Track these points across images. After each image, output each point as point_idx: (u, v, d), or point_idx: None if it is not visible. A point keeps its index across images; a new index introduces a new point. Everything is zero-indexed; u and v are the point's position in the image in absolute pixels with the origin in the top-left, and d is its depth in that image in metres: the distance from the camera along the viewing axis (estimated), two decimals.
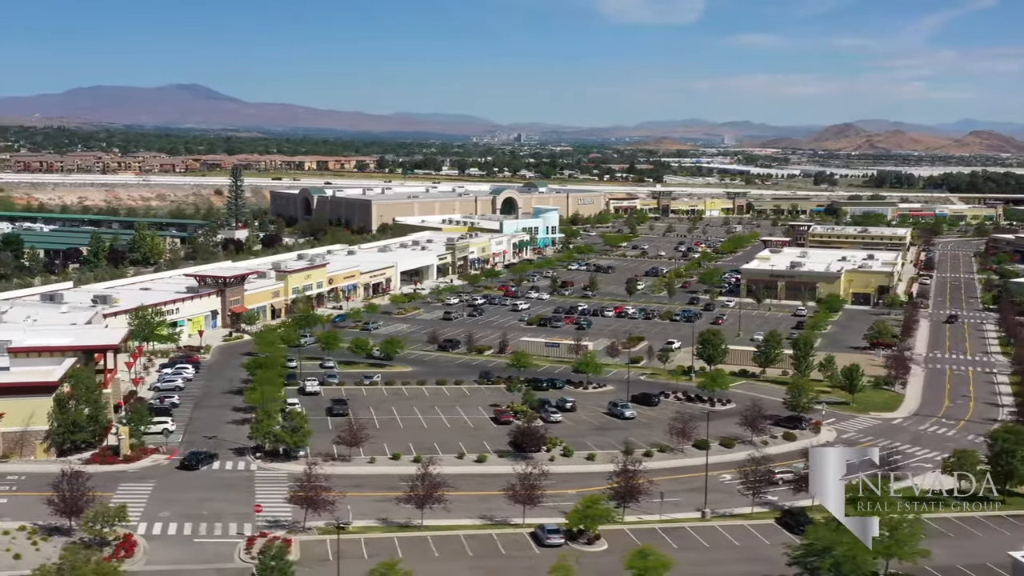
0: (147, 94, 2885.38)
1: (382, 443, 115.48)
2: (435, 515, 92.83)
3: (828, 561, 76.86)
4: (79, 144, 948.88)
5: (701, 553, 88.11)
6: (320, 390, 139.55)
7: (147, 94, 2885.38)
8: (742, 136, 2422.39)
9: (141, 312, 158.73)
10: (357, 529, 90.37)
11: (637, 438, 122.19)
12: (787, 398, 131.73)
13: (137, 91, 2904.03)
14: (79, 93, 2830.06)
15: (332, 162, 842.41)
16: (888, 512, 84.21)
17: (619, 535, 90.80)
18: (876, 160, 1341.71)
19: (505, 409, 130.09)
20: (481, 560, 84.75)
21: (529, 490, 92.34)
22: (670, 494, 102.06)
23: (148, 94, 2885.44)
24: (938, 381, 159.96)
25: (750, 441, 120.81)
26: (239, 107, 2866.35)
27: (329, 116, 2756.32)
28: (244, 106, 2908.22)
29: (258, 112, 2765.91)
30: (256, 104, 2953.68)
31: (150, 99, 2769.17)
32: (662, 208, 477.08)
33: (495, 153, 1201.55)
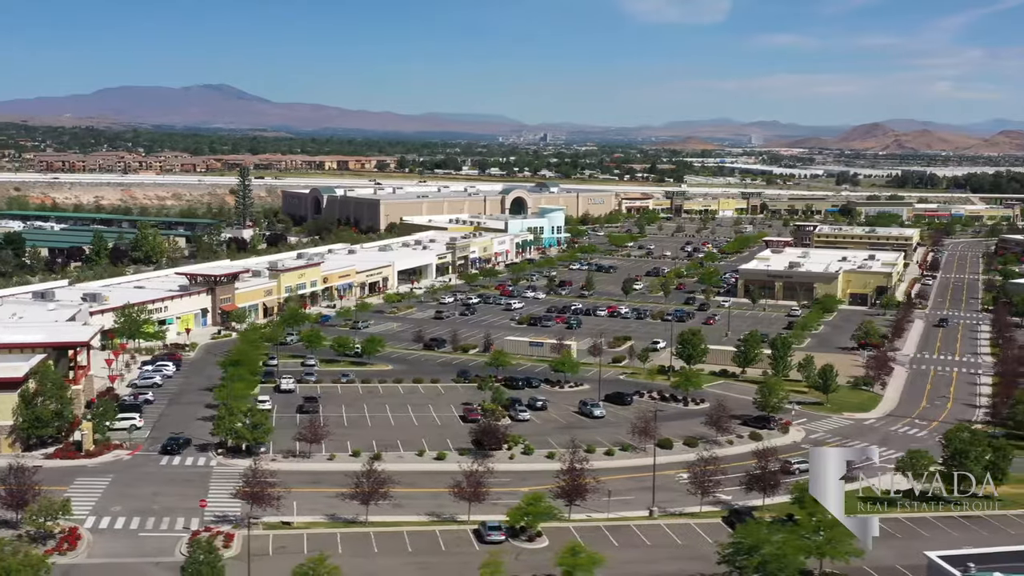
0: (176, 94, 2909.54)
1: (346, 440, 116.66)
2: (383, 511, 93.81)
3: (755, 560, 77.19)
4: (105, 144, 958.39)
5: (642, 551, 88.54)
6: (295, 388, 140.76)
7: (176, 94, 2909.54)
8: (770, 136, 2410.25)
9: (127, 310, 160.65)
10: (303, 524, 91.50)
11: (603, 437, 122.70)
12: (757, 398, 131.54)
13: (166, 91, 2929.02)
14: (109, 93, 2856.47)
15: (352, 162, 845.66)
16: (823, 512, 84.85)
17: (563, 532, 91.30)
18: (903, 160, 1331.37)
19: (474, 407, 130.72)
20: (419, 556, 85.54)
21: (475, 487, 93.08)
22: (626, 492, 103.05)
23: (177, 94, 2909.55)
24: (920, 382, 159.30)
25: (715, 441, 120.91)
26: (268, 107, 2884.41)
27: (358, 116, 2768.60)
28: (273, 106, 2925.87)
29: (287, 112, 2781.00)
30: (285, 104, 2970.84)
31: (179, 99, 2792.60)
32: (675, 208, 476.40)
33: (518, 153, 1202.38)
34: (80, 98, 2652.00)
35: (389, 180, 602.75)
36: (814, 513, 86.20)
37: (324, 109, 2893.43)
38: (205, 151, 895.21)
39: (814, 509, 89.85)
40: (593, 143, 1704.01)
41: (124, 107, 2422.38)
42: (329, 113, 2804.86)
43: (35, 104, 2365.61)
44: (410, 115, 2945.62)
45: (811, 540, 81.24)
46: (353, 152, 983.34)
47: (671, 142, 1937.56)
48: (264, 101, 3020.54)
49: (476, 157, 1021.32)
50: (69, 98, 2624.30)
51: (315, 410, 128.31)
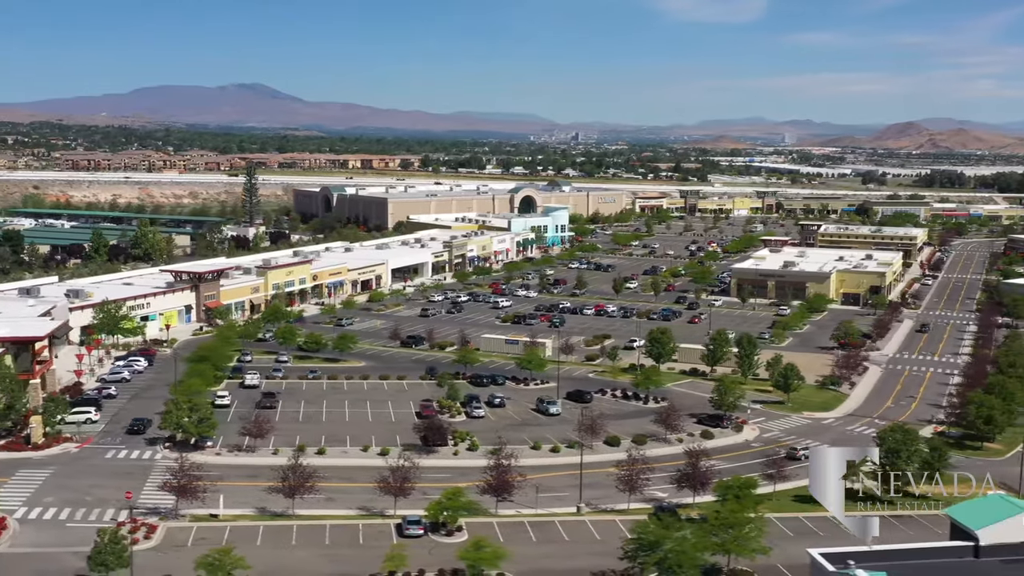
0: (211, 94, 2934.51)
1: (296, 435, 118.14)
2: (314, 505, 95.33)
3: (655, 556, 77.83)
4: (135, 143, 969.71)
5: (558, 546, 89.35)
6: (260, 383, 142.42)
7: (211, 94, 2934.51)
8: (803, 135, 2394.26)
9: (105, 306, 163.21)
10: (229, 517, 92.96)
11: (554, 434, 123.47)
12: (713, 396, 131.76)
13: (201, 91, 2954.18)
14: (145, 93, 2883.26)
15: (376, 161, 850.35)
16: (734, 511, 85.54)
17: (485, 527, 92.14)
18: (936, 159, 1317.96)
19: (431, 404, 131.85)
20: (335, 549, 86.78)
21: (400, 482, 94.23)
22: (563, 489, 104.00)
23: (212, 94, 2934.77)
24: (891, 382, 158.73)
25: (664, 439, 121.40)
26: (300, 106, 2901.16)
27: (389, 115, 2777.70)
28: (306, 105, 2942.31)
29: (319, 111, 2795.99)
30: (317, 103, 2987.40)
31: (214, 99, 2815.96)
32: (689, 207, 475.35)
33: (546, 152, 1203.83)
34: (116, 97, 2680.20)
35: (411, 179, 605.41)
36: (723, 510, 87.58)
37: (355, 108, 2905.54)
38: (233, 150, 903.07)
39: (736, 506, 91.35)
40: (624, 142, 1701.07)
41: (159, 106, 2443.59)
42: (360, 112, 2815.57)
43: (72, 103, 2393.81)
44: (441, 114, 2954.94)
45: (718, 537, 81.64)
46: (381, 151, 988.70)
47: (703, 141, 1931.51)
48: (297, 100, 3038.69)
49: (503, 156, 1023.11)
50: (105, 97, 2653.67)
51: (273, 406, 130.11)
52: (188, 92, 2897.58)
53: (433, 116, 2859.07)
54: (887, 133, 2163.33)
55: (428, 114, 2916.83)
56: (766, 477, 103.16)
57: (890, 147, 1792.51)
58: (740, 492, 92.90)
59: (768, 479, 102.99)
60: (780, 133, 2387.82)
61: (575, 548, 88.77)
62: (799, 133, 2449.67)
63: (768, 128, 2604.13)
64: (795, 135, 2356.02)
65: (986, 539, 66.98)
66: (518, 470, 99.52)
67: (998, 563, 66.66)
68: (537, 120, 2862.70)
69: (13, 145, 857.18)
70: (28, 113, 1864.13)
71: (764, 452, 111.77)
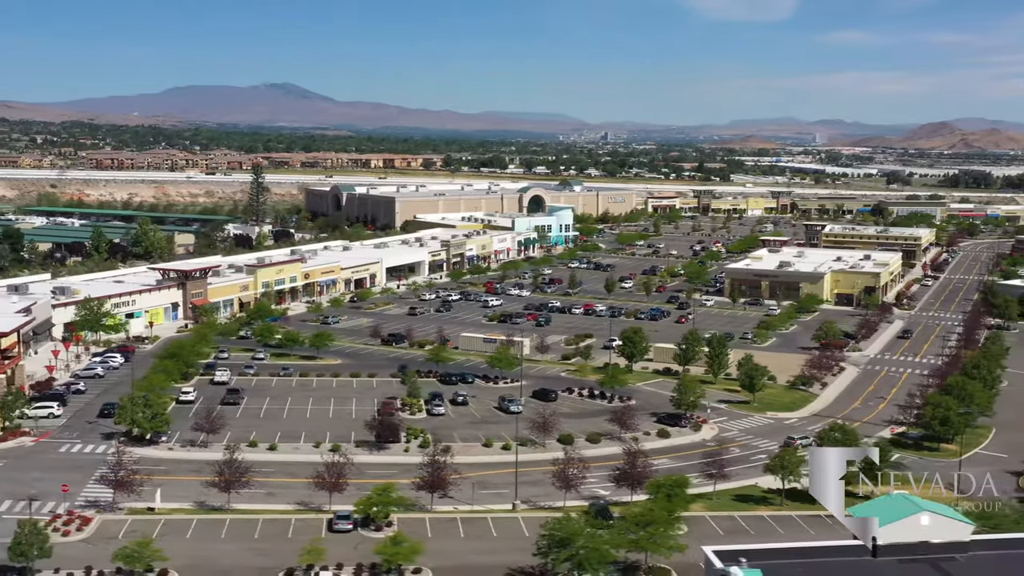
0: (241, 93, 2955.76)
1: (252, 431, 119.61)
2: (254, 500, 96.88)
3: (566, 553, 78.48)
4: (163, 142, 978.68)
5: (483, 542, 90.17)
6: (230, 380, 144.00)
7: (241, 93, 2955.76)
8: (834, 135, 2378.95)
9: (87, 303, 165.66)
10: (166, 511, 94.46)
11: (512, 432, 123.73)
12: (673, 396, 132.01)
13: (232, 90, 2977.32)
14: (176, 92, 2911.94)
15: (399, 160, 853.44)
16: (659, 509, 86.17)
17: (416, 523, 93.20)
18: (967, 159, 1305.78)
19: (393, 401, 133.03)
20: (263, 543, 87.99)
21: (335, 478, 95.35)
22: (507, 486, 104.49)
23: (242, 93, 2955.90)
24: (865, 383, 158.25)
25: (619, 437, 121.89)
26: (330, 106, 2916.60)
27: (419, 115, 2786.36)
28: (336, 105, 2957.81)
29: (350, 111, 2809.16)
30: (347, 103, 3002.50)
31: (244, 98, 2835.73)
32: (702, 207, 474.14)
33: (572, 152, 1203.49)
34: (149, 97, 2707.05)
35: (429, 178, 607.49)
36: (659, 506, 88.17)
37: (385, 108, 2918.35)
38: (259, 149, 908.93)
39: (666, 504, 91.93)
40: (653, 142, 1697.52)
41: (191, 106, 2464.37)
42: (390, 112, 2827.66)
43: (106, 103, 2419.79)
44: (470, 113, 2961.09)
45: (634, 535, 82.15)
46: (407, 151, 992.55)
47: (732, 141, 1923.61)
48: (327, 100, 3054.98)
49: (528, 155, 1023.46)
50: (138, 97, 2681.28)
51: (236, 402, 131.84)
52: (219, 92, 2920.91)
53: (462, 116, 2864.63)
54: (919, 133, 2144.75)
55: (457, 114, 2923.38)
56: (708, 476, 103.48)
57: (921, 147, 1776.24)
58: (671, 491, 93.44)
59: (710, 478, 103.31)
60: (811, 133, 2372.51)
61: (501, 544, 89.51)
62: (830, 133, 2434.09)
63: (799, 128, 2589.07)
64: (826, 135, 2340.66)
65: (884, 538, 66.93)
66: (456, 467, 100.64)
67: (895, 562, 66.70)
68: (567, 120, 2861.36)
69: (43, 144, 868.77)
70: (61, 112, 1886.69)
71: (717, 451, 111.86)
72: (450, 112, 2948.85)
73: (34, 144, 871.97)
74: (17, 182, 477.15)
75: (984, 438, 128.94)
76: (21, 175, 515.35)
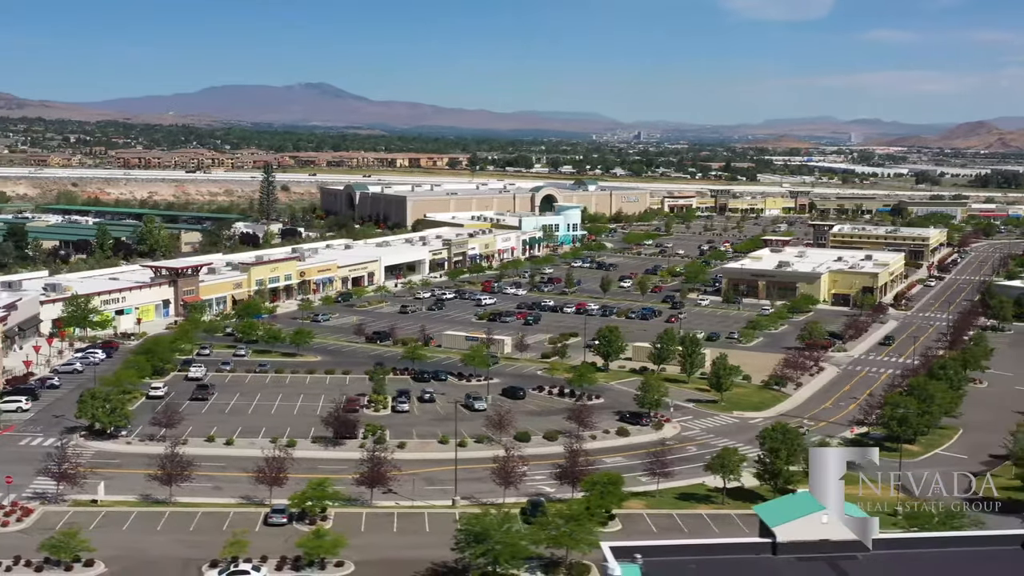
0: (277, 93, 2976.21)
1: (214, 426, 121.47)
2: (199, 493, 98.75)
3: (482, 548, 79.40)
4: (194, 141, 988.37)
5: (414, 537, 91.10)
6: (205, 376, 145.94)
7: (277, 93, 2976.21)
8: (871, 134, 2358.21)
9: (74, 300, 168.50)
10: (109, 503, 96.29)
11: (472, 429, 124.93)
12: (637, 394, 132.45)
13: (267, 90, 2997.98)
14: (213, 92, 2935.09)
15: (424, 159, 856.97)
16: (573, 505, 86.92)
17: (352, 517, 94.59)
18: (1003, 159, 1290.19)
19: (358, 398, 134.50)
20: (196, 535, 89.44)
21: (275, 472, 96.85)
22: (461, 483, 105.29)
23: (278, 93, 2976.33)
24: (842, 383, 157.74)
25: (578, 435, 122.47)
26: (365, 105, 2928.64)
27: (454, 114, 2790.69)
28: (371, 104, 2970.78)
29: (384, 110, 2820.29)
30: (382, 103, 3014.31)
31: (280, 98, 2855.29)
32: (719, 207, 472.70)
33: (601, 151, 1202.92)
34: (185, 97, 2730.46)
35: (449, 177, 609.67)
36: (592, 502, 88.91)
37: (420, 107, 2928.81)
38: (289, 148, 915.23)
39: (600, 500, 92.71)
40: (686, 142, 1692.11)
41: (227, 106, 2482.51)
42: (424, 111, 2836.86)
43: (142, 102, 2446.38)
44: (505, 113, 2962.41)
45: (554, 531, 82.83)
46: (438, 150, 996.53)
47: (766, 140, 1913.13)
48: (362, 99, 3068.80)
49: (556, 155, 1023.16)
50: (175, 97, 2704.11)
51: (205, 397, 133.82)
52: (255, 92, 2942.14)
53: (497, 115, 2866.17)
54: (956, 132, 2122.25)
55: (492, 113, 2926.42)
56: (651, 475, 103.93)
57: (958, 147, 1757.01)
58: (605, 488, 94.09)
59: (653, 476, 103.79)
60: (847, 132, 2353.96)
61: (432, 539, 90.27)
62: (866, 132, 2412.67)
63: (835, 127, 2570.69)
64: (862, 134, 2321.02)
65: (783, 536, 67.25)
66: (397, 463, 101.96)
67: (794, 560, 67.02)
68: (600, 119, 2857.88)
69: (75, 143, 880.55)
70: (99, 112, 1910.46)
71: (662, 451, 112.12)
72: (485, 111, 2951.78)
73: (67, 143, 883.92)
74: (40, 181, 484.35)
75: (948, 439, 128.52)
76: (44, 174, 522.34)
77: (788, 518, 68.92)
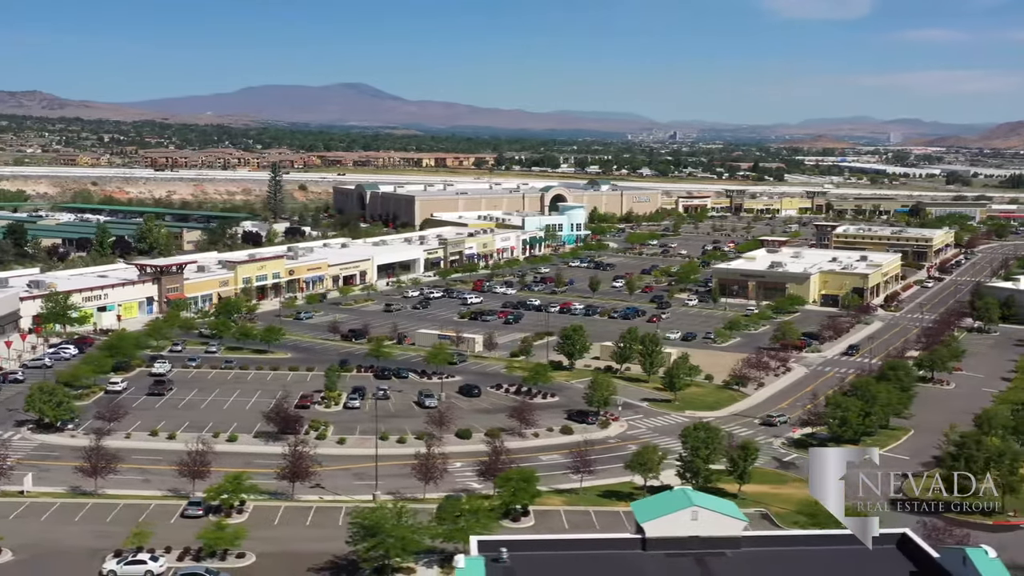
0: (314, 93, 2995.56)
1: (162, 421, 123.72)
2: (126, 486, 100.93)
3: (373, 541, 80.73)
4: (227, 141, 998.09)
5: (326, 531, 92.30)
6: (169, 372, 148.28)
7: (314, 93, 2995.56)
8: (910, 134, 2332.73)
9: (54, 296, 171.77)
10: (34, 494, 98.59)
11: (417, 426, 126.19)
12: (586, 393, 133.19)
13: (305, 90, 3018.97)
14: (251, 92, 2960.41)
15: (451, 159, 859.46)
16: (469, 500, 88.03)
17: (270, 510, 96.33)
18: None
19: (312, 394, 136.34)
20: (111, 526, 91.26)
21: (198, 466, 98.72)
22: (384, 477, 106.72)
23: (315, 93, 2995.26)
24: (806, 383, 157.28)
25: (518, 432, 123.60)
26: (401, 105, 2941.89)
27: (490, 114, 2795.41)
28: (407, 104, 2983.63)
29: (420, 110, 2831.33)
30: (418, 102, 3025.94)
31: (317, 98, 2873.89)
32: (734, 207, 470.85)
33: (632, 151, 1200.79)
34: (224, 97, 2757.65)
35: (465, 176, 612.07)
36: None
37: (455, 107, 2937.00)
38: (319, 148, 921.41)
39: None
40: (722, 142, 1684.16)
41: (265, 105, 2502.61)
42: (460, 111, 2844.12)
43: (181, 102, 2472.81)
44: (541, 112, 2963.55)
45: (450, 526, 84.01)
46: (467, 150, 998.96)
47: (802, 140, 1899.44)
48: (398, 99, 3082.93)
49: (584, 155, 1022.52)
50: (214, 97, 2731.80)
51: (162, 393, 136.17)
52: (292, 92, 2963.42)
53: (532, 115, 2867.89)
54: (996, 132, 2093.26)
55: (528, 113, 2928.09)
56: (576, 472, 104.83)
57: (998, 146, 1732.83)
58: (518, 485, 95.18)
59: (577, 474, 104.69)
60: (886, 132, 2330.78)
61: (341, 533, 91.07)
62: (906, 132, 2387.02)
63: (874, 127, 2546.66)
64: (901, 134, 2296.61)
65: (652, 532, 67.88)
66: (319, 458, 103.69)
67: (662, 556, 67.58)
68: (637, 119, 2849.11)
69: (109, 143, 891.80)
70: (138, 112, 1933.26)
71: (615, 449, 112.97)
72: (521, 111, 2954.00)
73: (101, 143, 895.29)
74: (60, 180, 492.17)
75: (896, 440, 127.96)
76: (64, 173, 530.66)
77: (658, 514, 69.42)
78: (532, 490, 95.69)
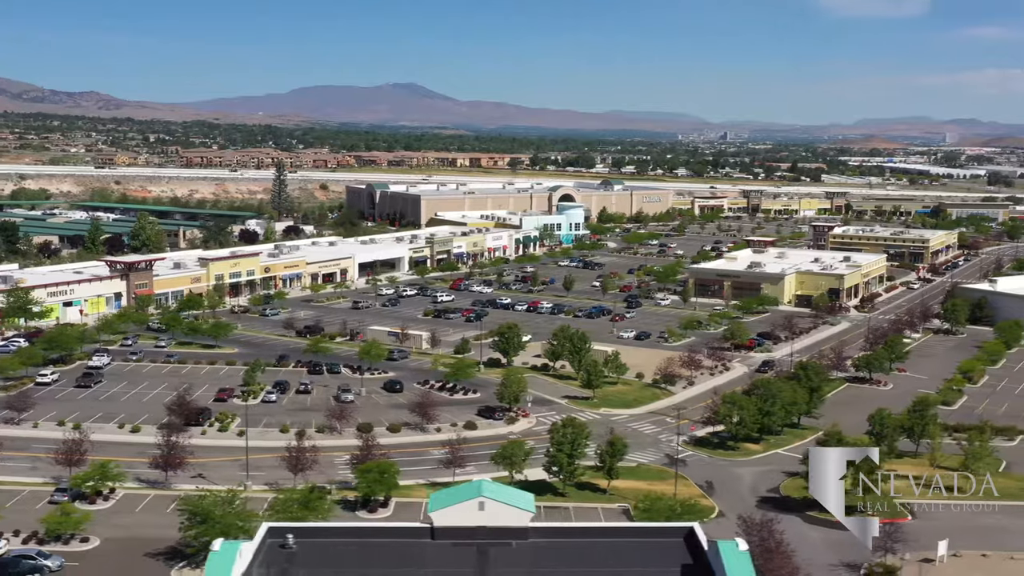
0: (366, 93, 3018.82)
1: (75, 411, 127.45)
2: (7, 472, 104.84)
3: (202, 528, 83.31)
4: (270, 141, 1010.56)
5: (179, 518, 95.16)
6: (106, 365, 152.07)
7: (366, 93, 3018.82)
8: (966, 134, 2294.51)
9: (15, 291, 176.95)
10: None
11: (320, 420, 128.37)
12: (499, 389, 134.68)
13: (357, 91, 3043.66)
14: (304, 92, 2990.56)
15: (485, 159, 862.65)
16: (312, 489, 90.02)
17: (137, 498, 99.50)
18: None
19: (231, 388, 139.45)
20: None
21: (70, 454, 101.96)
22: (271, 468, 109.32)
23: (367, 93, 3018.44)
24: (739, 383, 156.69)
25: (421, 427, 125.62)
26: (452, 105, 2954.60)
27: (540, 114, 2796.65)
28: (457, 104, 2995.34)
29: (471, 110, 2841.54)
30: (469, 102, 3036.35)
31: (368, 98, 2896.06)
32: (751, 207, 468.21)
33: (676, 151, 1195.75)
34: (276, 97, 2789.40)
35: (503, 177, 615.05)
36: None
37: (505, 107, 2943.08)
38: (361, 148, 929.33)
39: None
40: (772, 142, 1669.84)
41: (317, 106, 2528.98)
42: (509, 111, 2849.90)
43: (235, 103, 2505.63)
44: (592, 112, 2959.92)
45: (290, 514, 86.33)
46: (510, 150, 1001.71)
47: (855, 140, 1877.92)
48: (449, 99, 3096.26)
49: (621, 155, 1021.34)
50: (266, 97, 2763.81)
51: (89, 384, 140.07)
52: (344, 92, 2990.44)
53: (584, 115, 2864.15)
54: None
55: (579, 113, 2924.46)
56: (447, 465, 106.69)
57: None
58: (378, 476, 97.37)
59: (448, 467, 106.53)
60: (941, 132, 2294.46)
61: None
62: (962, 132, 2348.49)
63: (929, 127, 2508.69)
64: (957, 134, 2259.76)
65: (439, 521, 69.42)
66: (191, 449, 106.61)
67: (448, 545, 69.15)
68: (689, 119, 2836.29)
69: (154, 143, 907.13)
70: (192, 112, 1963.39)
71: (456, 444, 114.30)
72: (572, 111, 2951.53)
73: (146, 143, 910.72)
74: (84, 178, 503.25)
75: (801, 439, 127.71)
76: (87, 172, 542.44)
77: (447, 504, 71.02)
78: (390, 482, 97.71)
